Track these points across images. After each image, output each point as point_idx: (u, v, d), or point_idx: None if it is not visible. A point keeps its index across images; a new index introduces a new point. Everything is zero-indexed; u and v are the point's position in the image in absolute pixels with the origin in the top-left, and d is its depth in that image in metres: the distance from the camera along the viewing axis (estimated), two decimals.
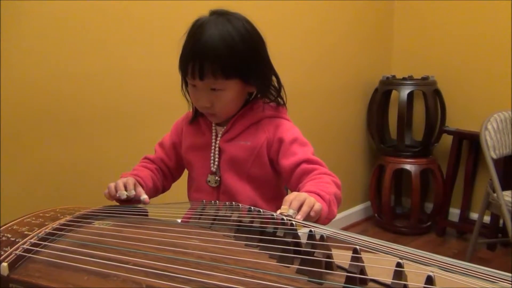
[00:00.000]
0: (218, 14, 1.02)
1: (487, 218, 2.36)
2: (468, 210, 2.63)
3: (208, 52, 0.97)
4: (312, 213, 0.81)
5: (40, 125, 1.51)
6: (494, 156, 2.00)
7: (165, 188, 1.21)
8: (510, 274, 0.51)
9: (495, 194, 1.98)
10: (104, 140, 1.68)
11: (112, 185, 1.02)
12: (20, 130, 1.47)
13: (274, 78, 1.10)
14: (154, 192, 1.14)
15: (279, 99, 1.11)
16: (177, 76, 1.08)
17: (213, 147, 1.10)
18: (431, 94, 2.58)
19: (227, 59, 0.97)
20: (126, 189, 1.01)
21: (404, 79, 2.66)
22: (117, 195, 1.01)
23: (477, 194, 2.60)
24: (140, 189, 1.04)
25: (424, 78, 2.61)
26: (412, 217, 2.64)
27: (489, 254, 2.43)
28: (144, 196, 1.03)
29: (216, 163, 1.10)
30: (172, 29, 1.04)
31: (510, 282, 0.50)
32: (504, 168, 2.37)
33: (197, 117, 1.15)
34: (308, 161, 1.02)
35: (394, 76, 2.70)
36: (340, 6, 2.52)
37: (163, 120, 1.25)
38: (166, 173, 1.20)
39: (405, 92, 2.57)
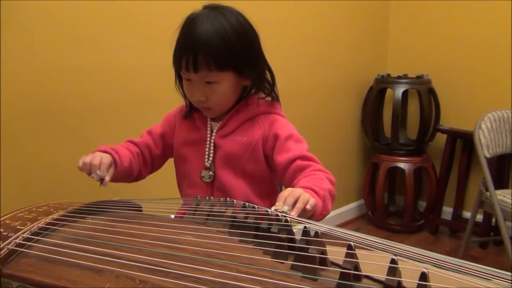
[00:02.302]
0: (211, 8, 1.02)
1: (479, 217, 2.37)
2: (461, 208, 2.65)
3: (202, 45, 0.97)
4: (308, 207, 0.81)
5: (34, 120, 1.50)
6: (488, 155, 2.01)
7: (141, 175, 1.18)
8: (504, 272, 0.52)
9: (488, 193, 1.99)
10: (98, 136, 1.67)
11: (87, 161, 0.99)
12: (14, 126, 1.46)
13: (267, 73, 1.10)
14: (128, 174, 1.12)
15: (273, 94, 1.11)
16: (171, 72, 1.08)
17: (208, 143, 1.10)
18: (426, 93, 2.58)
19: (221, 50, 0.98)
20: (100, 168, 0.99)
21: (399, 77, 2.67)
22: (91, 176, 0.99)
23: (470, 193, 2.62)
24: (111, 170, 1.02)
25: (419, 77, 2.62)
26: (405, 215, 2.65)
27: (481, 252, 2.44)
28: (106, 179, 1.00)
29: (211, 158, 1.10)
30: (166, 24, 1.04)
31: (504, 280, 0.51)
32: (497, 167, 2.39)
33: (192, 112, 1.14)
34: (302, 157, 1.02)
35: (389, 75, 2.71)
36: (336, 4, 2.52)
37: (157, 116, 1.24)
38: (147, 160, 1.18)
39: (399, 90, 2.57)
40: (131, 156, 1.11)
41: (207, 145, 1.10)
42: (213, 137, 1.10)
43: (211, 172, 1.10)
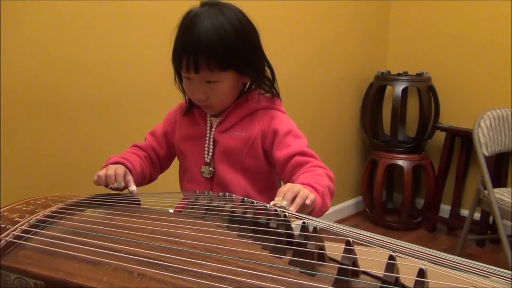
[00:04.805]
0: (210, 5, 1.01)
1: (477, 215, 2.38)
2: (458, 206, 2.65)
3: (202, 45, 0.96)
4: (307, 202, 0.81)
5: (34, 114, 1.50)
6: (486, 154, 2.01)
7: (152, 177, 1.18)
8: (502, 270, 0.52)
9: (486, 191, 1.99)
10: (96, 129, 1.66)
11: (102, 174, 1.00)
12: (14, 119, 1.45)
13: (267, 69, 1.09)
14: (141, 178, 1.12)
15: (273, 90, 1.11)
16: (171, 66, 1.07)
17: (207, 138, 1.10)
18: (425, 91, 2.58)
19: (221, 51, 0.97)
20: (116, 179, 1.00)
21: (399, 74, 2.67)
22: (109, 187, 1.01)
23: (468, 191, 2.62)
24: (129, 177, 1.03)
25: (419, 74, 2.62)
26: (403, 213, 2.65)
27: (478, 250, 2.45)
28: (133, 188, 1.02)
29: (210, 154, 1.09)
30: (168, 19, 1.03)
31: (502, 277, 0.51)
32: (496, 166, 2.39)
33: (191, 108, 1.14)
34: (302, 153, 1.02)
35: (389, 72, 2.71)
36: (336, 1, 2.51)
37: (156, 110, 1.24)
38: (155, 162, 1.18)
39: (399, 87, 2.57)
40: (140, 160, 1.12)
41: (207, 141, 1.10)
42: (212, 133, 1.09)
43: (211, 168, 1.09)
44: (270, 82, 1.10)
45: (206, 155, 1.09)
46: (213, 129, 1.09)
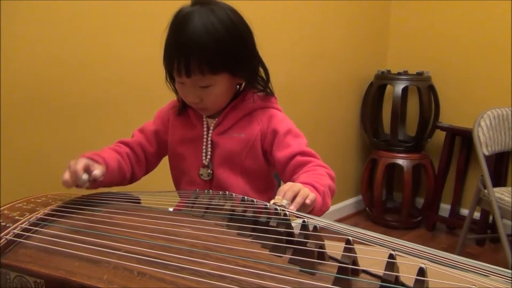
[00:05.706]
0: (201, 4, 0.98)
1: (476, 214, 2.38)
2: (458, 205, 2.65)
3: (193, 48, 0.94)
4: (307, 201, 0.81)
5: (33, 112, 1.50)
6: (486, 153, 2.01)
7: (135, 176, 1.12)
8: (502, 268, 0.52)
9: (486, 191, 1.99)
10: (96, 129, 1.66)
11: (66, 178, 0.91)
12: (13, 118, 1.45)
13: (261, 69, 1.07)
14: (119, 177, 1.06)
15: (268, 89, 1.09)
16: None
17: (205, 140, 1.08)
18: (426, 90, 2.58)
19: (213, 53, 0.94)
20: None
21: (399, 74, 2.66)
22: (76, 184, 0.90)
23: (468, 190, 2.62)
24: (95, 170, 0.92)
25: (419, 74, 2.62)
26: (403, 212, 2.65)
27: (478, 249, 2.45)
28: (96, 172, 0.91)
29: (209, 156, 1.08)
30: (166, 18, 1.02)
31: (502, 276, 0.51)
32: (496, 165, 2.40)
33: (185, 109, 1.11)
34: (302, 153, 1.01)
35: (389, 71, 2.71)
36: (337, 1, 2.51)
37: (152, 108, 1.24)
38: (141, 159, 1.12)
39: (399, 87, 2.57)
40: (119, 157, 1.06)
41: (204, 143, 1.08)
42: (210, 135, 1.07)
43: (209, 170, 1.08)
44: (264, 82, 1.08)
45: (204, 158, 1.08)
46: (211, 131, 1.08)
